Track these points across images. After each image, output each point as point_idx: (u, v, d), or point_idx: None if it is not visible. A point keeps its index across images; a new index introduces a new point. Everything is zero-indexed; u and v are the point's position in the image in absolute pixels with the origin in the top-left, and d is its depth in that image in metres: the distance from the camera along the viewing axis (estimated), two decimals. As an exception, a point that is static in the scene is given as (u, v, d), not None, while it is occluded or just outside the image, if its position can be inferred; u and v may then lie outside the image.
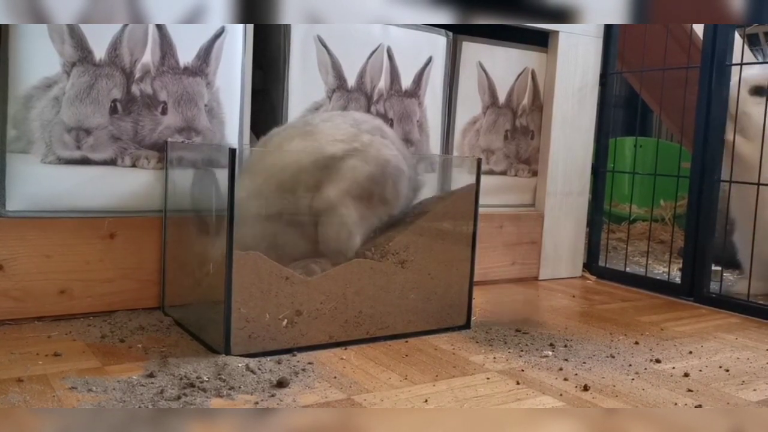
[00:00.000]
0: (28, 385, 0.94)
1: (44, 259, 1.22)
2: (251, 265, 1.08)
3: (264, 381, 0.99)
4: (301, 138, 1.21)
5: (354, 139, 1.21)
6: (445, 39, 1.66)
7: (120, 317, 1.25)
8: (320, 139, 1.20)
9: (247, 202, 1.16)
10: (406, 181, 1.25)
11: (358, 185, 1.19)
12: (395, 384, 1.03)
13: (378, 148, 1.21)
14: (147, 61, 1.29)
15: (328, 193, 1.19)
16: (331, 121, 1.23)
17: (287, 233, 1.20)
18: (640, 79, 2.15)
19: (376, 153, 1.20)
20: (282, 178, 1.19)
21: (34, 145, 1.21)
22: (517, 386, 1.04)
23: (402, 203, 1.25)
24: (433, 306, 1.29)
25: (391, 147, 1.23)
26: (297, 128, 1.24)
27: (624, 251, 1.98)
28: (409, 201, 1.27)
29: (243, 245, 1.07)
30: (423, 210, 1.31)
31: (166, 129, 1.32)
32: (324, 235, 1.20)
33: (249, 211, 1.16)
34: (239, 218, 1.05)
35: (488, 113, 1.78)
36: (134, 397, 0.90)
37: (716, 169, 1.68)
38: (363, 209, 1.19)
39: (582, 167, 1.92)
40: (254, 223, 1.17)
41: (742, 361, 1.23)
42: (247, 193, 1.16)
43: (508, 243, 1.82)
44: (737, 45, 1.70)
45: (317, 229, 1.21)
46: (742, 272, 1.77)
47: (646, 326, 1.45)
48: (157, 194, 1.32)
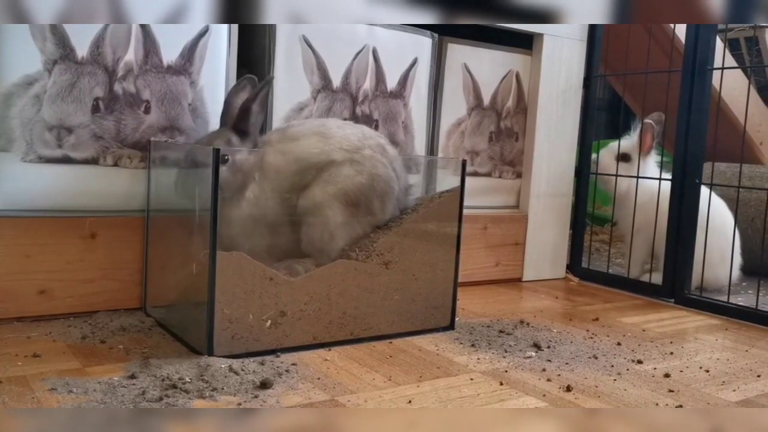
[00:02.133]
0: (7, 387, 0.92)
1: (24, 259, 1.21)
2: (235, 266, 1.08)
3: (247, 382, 0.98)
4: (318, 138, 1.24)
5: (356, 150, 1.24)
6: (431, 40, 1.66)
7: (101, 318, 1.24)
8: (331, 143, 1.23)
9: (271, 173, 1.21)
10: (393, 201, 1.29)
11: (346, 193, 1.22)
12: (379, 385, 1.02)
13: (374, 164, 1.25)
14: (130, 59, 1.27)
15: (314, 192, 1.21)
16: (343, 129, 1.27)
17: (282, 229, 1.24)
18: (623, 82, 2.17)
19: (372, 168, 1.24)
20: (294, 168, 1.22)
21: (15, 143, 1.20)
22: (500, 387, 1.05)
23: (386, 218, 1.28)
24: (418, 307, 1.29)
25: (387, 166, 1.27)
26: (314, 127, 1.27)
27: (606, 253, 2.00)
28: (393, 217, 1.30)
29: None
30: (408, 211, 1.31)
31: (149, 128, 1.31)
32: (307, 234, 1.23)
33: (269, 185, 1.21)
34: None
35: (473, 115, 1.79)
36: (115, 399, 0.89)
37: (697, 172, 1.70)
38: (347, 215, 1.22)
39: (565, 169, 1.93)
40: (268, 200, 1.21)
41: (722, 362, 1.25)
42: (272, 166, 1.21)
43: (492, 244, 1.82)
44: (719, 49, 1.72)
45: (301, 228, 1.23)
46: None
47: (628, 327, 1.46)
48: (140, 194, 1.31)
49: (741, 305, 1.61)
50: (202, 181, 1.09)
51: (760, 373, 1.19)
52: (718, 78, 1.69)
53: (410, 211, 1.31)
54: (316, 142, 1.23)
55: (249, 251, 1.12)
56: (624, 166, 1.87)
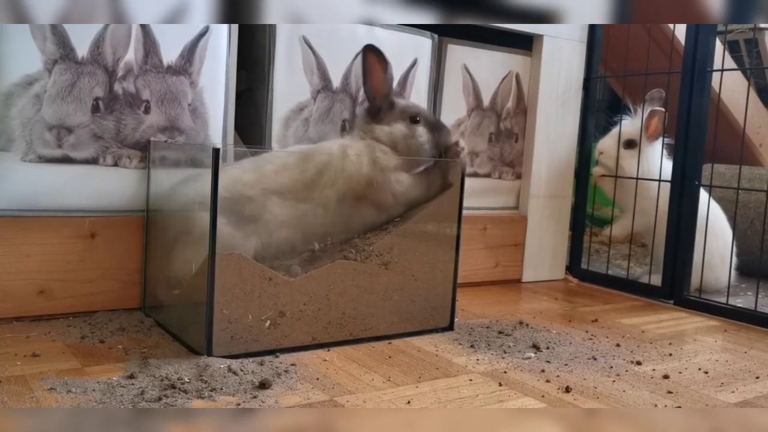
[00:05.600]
0: (6, 386, 0.92)
1: (24, 259, 1.21)
2: (234, 266, 1.08)
3: (246, 382, 0.98)
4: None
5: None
6: (431, 41, 1.66)
7: (100, 318, 1.24)
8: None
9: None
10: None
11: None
12: (378, 385, 1.02)
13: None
14: (130, 59, 1.27)
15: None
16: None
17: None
18: (622, 83, 2.17)
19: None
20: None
21: (15, 143, 1.20)
22: (499, 388, 1.05)
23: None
24: (417, 308, 1.29)
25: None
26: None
27: (606, 254, 2.00)
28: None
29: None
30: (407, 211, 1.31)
31: (149, 128, 1.31)
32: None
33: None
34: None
35: (473, 116, 1.79)
36: (114, 399, 0.89)
37: (696, 174, 1.70)
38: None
39: (565, 171, 1.94)
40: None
41: (720, 364, 1.25)
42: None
43: (492, 245, 1.82)
44: (718, 51, 1.72)
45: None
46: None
47: (628, 328, 1.46)
48: (139, 194, 1.31)
49: (740, 307, 1.61)
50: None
51: (758, 375, 1.19)
52: (718, 80, 1.69)
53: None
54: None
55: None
56: (629, 152, 1.82)
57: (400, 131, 1.31)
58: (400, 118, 1.33)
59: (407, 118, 1.33)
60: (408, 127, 1.32)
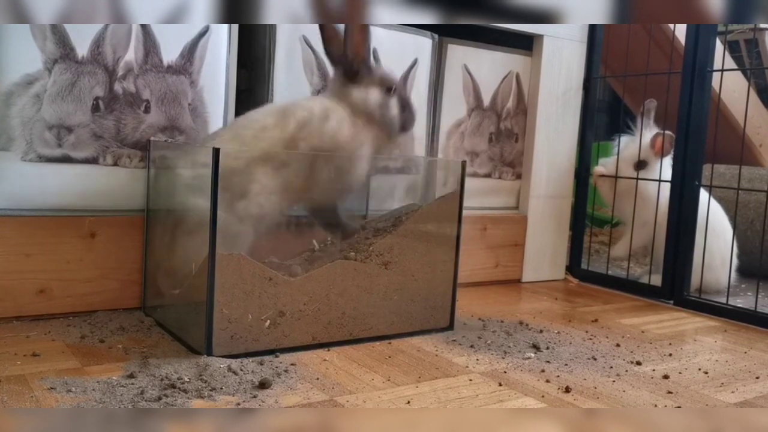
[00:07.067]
0: (6, 386, 0.92)
1: (23, 258, 1.21)
2: (234, 266, 1.08)
3: (246, 382, 0.98)
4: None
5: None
6: (431, 41, 1.66)
7: (100, 317, 1.24)
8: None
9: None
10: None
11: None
12: (378, 385, 1.02)
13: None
14: (130, 58, 1.27)
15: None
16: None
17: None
18: (623, 83, 2.17)
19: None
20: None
21: (15, 142, 1.20)
22: (499, 388, 1.04)
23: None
24: (417, 307, 1.29)
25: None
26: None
27: (606, 254, 2.00)
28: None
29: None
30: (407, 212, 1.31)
31: (149, 128, 1.31)
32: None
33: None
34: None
35: (473, 116, 1.79)
36: (114, 398, 0.89)
37: (697, 174, 1.70)
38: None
39: (565, 170, 1.94)
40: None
41: (720, 364, 1.25)
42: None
43: (492, 245, 1.82)
44: (718, 51, 1.72)
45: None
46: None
47: (627, 329, 1.46)
48: (139, 193, 1.31)
49: (740, 307, 1.61)
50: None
51: (758, 375, 1.19)
52: (718, 80, 1.69)
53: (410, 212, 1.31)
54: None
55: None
56: (642, 172, 1.85)
57: (375, 98, 1.29)
58: (378, 84, 1.30)
59: (384, 86, 1.31)
60: (382, 96, 1.30)
